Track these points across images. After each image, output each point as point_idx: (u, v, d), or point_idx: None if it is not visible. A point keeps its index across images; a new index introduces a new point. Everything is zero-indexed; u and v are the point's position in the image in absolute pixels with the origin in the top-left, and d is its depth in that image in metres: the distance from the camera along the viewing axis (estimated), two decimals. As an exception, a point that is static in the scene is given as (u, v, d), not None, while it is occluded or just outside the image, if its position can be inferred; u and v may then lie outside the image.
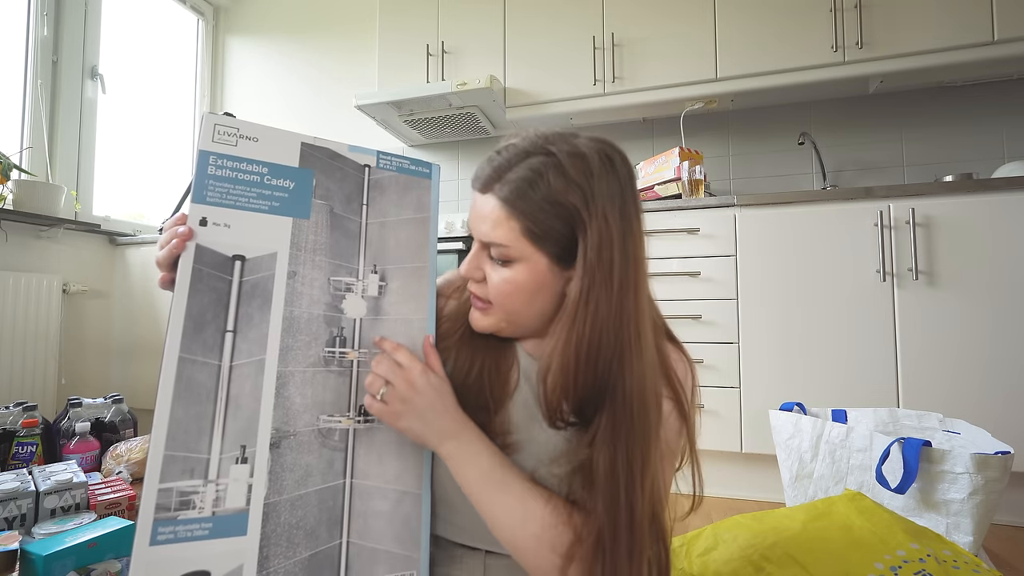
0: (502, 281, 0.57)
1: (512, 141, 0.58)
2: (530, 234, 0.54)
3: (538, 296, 0.57)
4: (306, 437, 0.54)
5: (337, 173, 0.61)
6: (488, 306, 0.59)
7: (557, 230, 0.54)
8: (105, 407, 1.88)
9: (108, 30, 2.50)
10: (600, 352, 0.53)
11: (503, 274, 0.57)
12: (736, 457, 1.64)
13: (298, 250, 0.57)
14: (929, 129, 2.03)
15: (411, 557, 0.56)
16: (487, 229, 0.56)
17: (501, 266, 0.57)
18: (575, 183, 0.53)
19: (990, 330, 1.43)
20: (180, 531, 0.47)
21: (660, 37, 2.06)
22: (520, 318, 0.59)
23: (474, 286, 0.60)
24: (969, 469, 1.01)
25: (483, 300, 0.59)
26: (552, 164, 0.54)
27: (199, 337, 0.51)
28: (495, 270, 0.57)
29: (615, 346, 0.53)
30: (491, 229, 0.55)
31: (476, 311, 0.61)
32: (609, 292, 0.53)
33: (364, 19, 2.81)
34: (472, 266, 0.59)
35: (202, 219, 0.53)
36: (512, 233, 0.55)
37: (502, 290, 0.57)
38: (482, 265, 0.59)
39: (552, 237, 0.54)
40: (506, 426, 0.61)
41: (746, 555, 0.83)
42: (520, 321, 0.60)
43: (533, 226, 0.54)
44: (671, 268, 1.69)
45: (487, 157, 0.58)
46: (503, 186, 0.55)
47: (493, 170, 0.56)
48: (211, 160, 0.54)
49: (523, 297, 0.57)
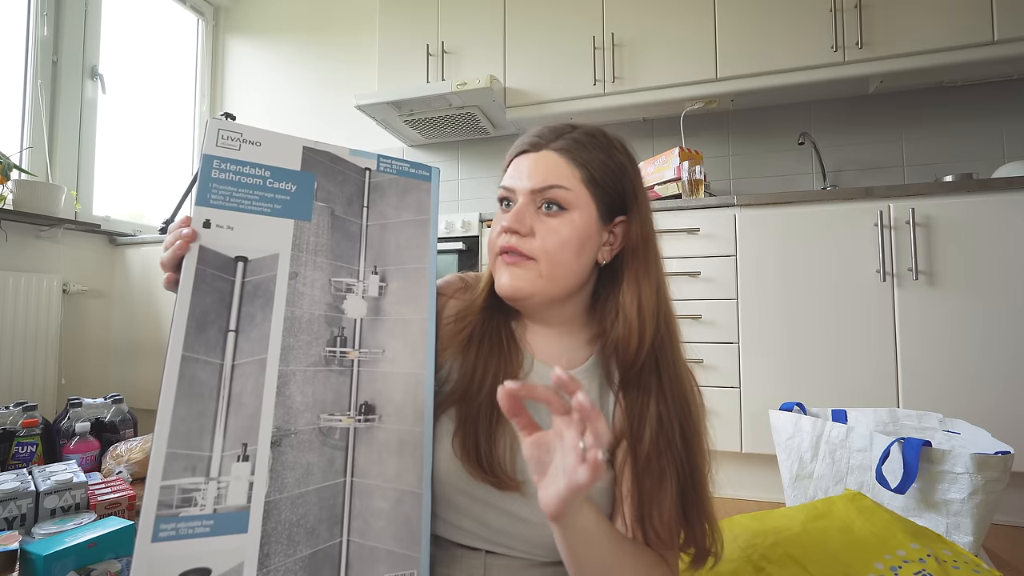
0: (554, 230, 0.58)
1: (545, 125, 0.63)
2: (590, 181, 0.59)
3: (584, 249, 0.60)
4: (307, 435, 0.54)
5: (338, 176, 0.62)
6: (527, 261, 0.59)
7: (610, 182, 0.60)
8: (105, 407, 1.88)
9: (108, 30, 2.51)
10: (659, 306, 0.60)
11: (554, 223, 0.58)
12: (736, 457, 1.64)
13: (299, 251, 0.58)
14: (929, 129, 2.04)
15: (411, 556, 0.56)
16: (544, 175, 0.59)
17: (551, 218, 0.58)
18: (617, 149, 0.62)
19: (990, 330, 1.43)
20: (182, 528, 0.47)
21: (660, 37, 2.06)
22: (562, 274, 0.59)
23: (516, 240, 0.59)
24: (969, 469, 1.01)
25: (524, 255, 0.59)
26: (597, 133, 0.62)
27: (202, 336, 0.51)
28: (545, 223, 0.59)
29: (665, 308, 0.61)
30: (550, 174, 0.58)
31: (510, 269, 0.60)
32: (653, 243, 0.63)
33: (364, 19, 2.81)
34: (519, 217, 0.59)
35: (206, 221, 0.54)
36: (574, 178, 0.59)
37: (554, 240, 0.58)
38: (529, 219, 0.59)
39: (606, 187, 0.60)
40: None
41: (746, 555, 0.83)
42: (560, 279, 0.59)
43: (593, 173, 0.59)
44: (671, 268, 1.69)
45: (522, 137, 0.63)
46: (561, 142, 0.60)
47: (544, 137, 0.61)
48: (215, 164, 0.55)
49: (573, 247, 0.59)
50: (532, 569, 0.59)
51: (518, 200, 0.60)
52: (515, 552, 0.59)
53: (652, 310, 0.60)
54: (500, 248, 0.60)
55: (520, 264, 0.59)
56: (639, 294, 0.60)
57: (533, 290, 0.59)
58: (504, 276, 0.60)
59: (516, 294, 0.59)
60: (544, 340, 0.65)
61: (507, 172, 0.63)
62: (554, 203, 0.59)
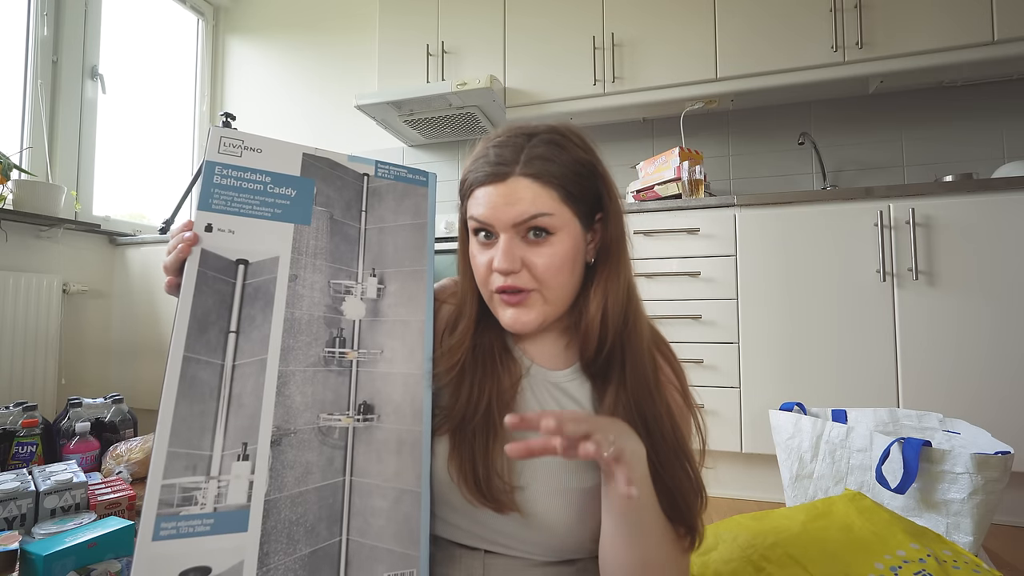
0: (548, 258, 0.57)
1: (497, 139, 0.60)
2: (567, 198, 0.58)
3: (576, 264, 0.60)
4: (306, 435, 0.55)
5: (337, 182, 0.63)
6: (527, 296, 0.59)
7: (584, 188, 0.59)
8: (105, 407, 1.88)
9: (108, 30, 2.51)
10: (628, 303, 0.61)
11: (546, 251, 0.57)
12: (736, 457, 1.64)
13: (299, 254, 0.59)
14: (929, 129, 2.04)
15: (410, 555, 0.56)
16: (524, 207, 0.56)
17: (540, 246, 0.57)
18: (578, 147, 0.60)
19: (990, 330, 1.43)
20: (182, 527, 0.47)
21: (660, 37, 2.06)
22: (562, 294, 0.60)
23: (511, 279, 0.58)
24: (969, 469, 1.01)
25: (522, 290, 0.58)
26: (554, 137, 0.59)
27: (203, 337, 0.52)
28: (535, 252, 0.58)
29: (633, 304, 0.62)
30: (529, 204, 0.56)
31: (515, 309, 0.59)
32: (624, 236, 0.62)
33: (364, 19, 2.82)
34: (511, 257, 0.57)
35: (207, 225, 0.55)
36: (553, 201, 0.57)
37: (550, 267, 0.57)
38: (518, 253, 0.58)
39: (582, 196, 0.59)
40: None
41: (746, 555, 0.83)
42: (561, 299, 0.60)
43: (569, 188, 0.58)
44: (671, 268, 1.69)
45: (479, 157, 0.61)
46: (526, 165, 0.57)
47: (506, 161, 0.58)
48: (216, 170, 0.57)
49: (568, 267, 0.59)
50: (531, 569, 0.59)
51: (499, 235, 0.58)
52: (514, 552, 0.59)
53: (618, 311, 0.60)
54: (496, 288, 0.59)
55: (523, 302, 0.59)
56: (606, 299, 0.60)
57: (541, 319, 0.60)
58: (507, 315, 0.60)
59: (524, 329, 0.60)
60: (540, 343, 0.66)
61: (475, 201, 0.60)
62: (541, 230, 0.57)
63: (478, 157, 0.61)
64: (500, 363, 0.63)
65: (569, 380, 0.64)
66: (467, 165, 0.63)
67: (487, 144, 0.61)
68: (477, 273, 0.62)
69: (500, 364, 0.63)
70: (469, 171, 0.62)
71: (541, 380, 0.64)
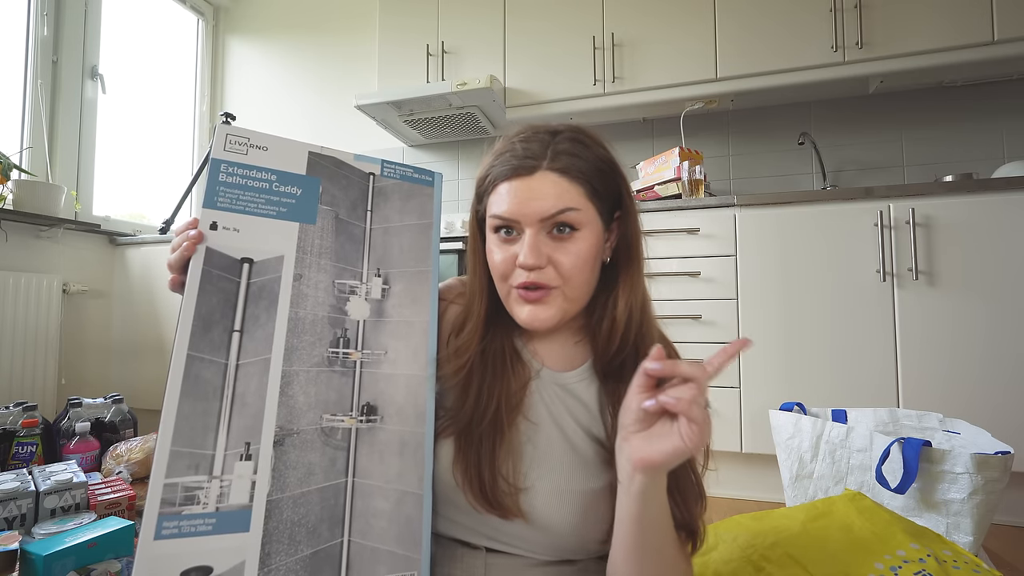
0: (574, 256, 0.57)
1: (520, 135, 0.60)
2: (593, 194, 0.58)
3: (596, 261, 0.60)
4: (309, 435, 0.55)
5: (342, 181, 0.63)
6: (547, 293, 0.58)
7: (607, 186, 0.59)
8: (105, 407, 1.88)
9: (108, 30, 2.51)
10: (644, 303, 0.62)
11: (569, 247, 0.57)
12: (736, 457, 1.64)
13: (304, 254, 0.59)
14: (929, 129, 2.04)
15: (412, 558, 0.56)
16: (552, 202, 0.56)
17: (564, 242, 0.57)
18: (600, 145, 0.60)
19: (990, 330, 1.43)
20: (184, 526, 0.47)
21: (660, 37, 2.06)
22: (582, 293, 0.60)
23: (536, 275, 0.57)
24: (969, 469, 1.01)
25: (544, 287, 0.58)
26: (578, 135, 0.60)
27: (207, 336, 0.52)
28: (560, 249, 0.57)
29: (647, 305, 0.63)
30: (558, 199, 0.56)
31: (533, 306, 0.58)
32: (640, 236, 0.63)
33: (364, 19, 2.81)
34: (537, 252, 0.56)
35: (212, 223, 0.55)
36: (580, 197, 0.57)
37: (575, 264, 0.57)
38: (544, 249, 0.57)
39: (605, 194, 0.59)
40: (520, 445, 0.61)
41: (746, 555, 0.83)
42: (580, 297, 0.60)
43: (594, 185, 0.58)
44: (671, 268, 1.69)
45: (503, 152, 0.60)
46: (554, 160, 0.57)
47: (534, 155, 0.58)
48: (222, 168, 0.57)
49: (589, 264, 0.59)
50: (533, 568, 0.59)
51: (524, 231, 0.57)
52: (516, 550, 0.59)
53: (638, 311, 0.61)
54: (519, 284, 0.58)
55: (542, 299, 0.58)
56: (631, 300, 0.60)
57: (560, 316, 0.59)
58: (524, 312, 0.59)
59: (542, 326, 0.59)
60: (551, 343, 0.66)
61: (498, 196, 0.59)
62: (566, 226, 0.57)
63: (502, 152, 0.61)
64: (510, 366, 0.62)
65: (578, 381, 0.64)
66: (488, 161, 0.62)
67: (510, 140, 0.61)
68: (495, 270, 0.61)
69: (510, 367, 0.62)
70: (492, 166, 0.61)
71: (549, 382, 0.63)
